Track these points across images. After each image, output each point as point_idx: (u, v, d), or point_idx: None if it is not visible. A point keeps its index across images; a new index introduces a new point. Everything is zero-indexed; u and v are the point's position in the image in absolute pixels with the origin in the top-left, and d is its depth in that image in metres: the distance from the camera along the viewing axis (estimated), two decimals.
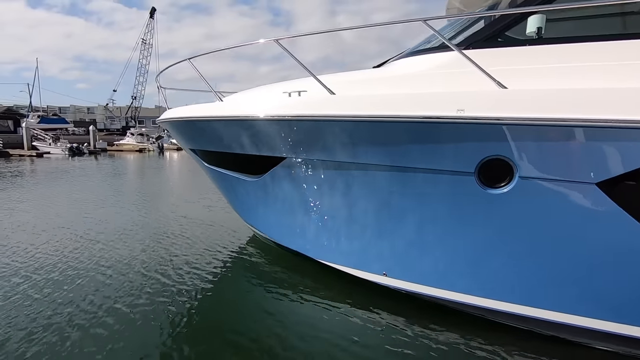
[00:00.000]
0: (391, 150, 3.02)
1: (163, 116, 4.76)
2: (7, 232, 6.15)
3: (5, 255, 4.99)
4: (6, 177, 15.23)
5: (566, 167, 2.55)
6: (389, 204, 3.28)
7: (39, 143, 32.06)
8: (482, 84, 2.71)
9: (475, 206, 2.91)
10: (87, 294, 3.80)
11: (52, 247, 5.31)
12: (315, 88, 3.24)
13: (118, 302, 3.65)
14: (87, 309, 3.51)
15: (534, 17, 2.94)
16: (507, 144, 2.64)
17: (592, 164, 2.48)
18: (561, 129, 2.47)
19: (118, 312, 3.46)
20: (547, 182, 2.62)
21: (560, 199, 2.63)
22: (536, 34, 2.93)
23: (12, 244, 5.49)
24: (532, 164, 2.62)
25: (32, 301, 3.65)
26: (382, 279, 3.53)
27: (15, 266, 4.57)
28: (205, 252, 5.13)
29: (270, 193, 4.12)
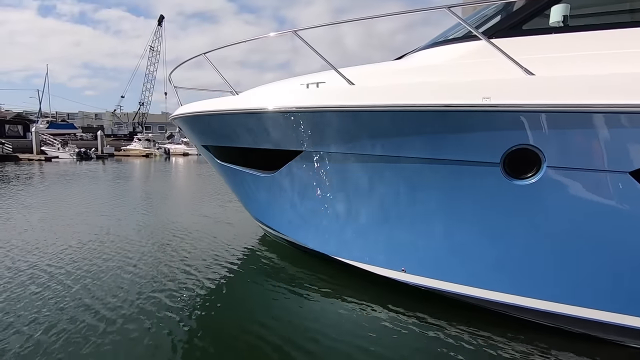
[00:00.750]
0: (413, 141, 2.94)
1: (177, 112, 4.74)
2: (27, 231, 6.15)
3: (31, 252, 4.96)
4: (20, 179, 15.35)
5: (597, 156, 2.46)
6: (410, 197, 3.20)
7: (48, 148, 32.38)
8: (508, 72, 2.64)
9: (501, 198, 2.82)
10: (96, 293, 3.72)
11: (67, 246, 5.28)
12: (334, 79, 3.19)
13: (131, 300, 3.59)
14: (95, 305, 3.45)
15: (559, 5, 2.88)
16: (535, 133, 2.56)
17: (625, 152, 2.39)
18: (592, 115, 2.39)
19: (131, 309, 3.39)
20: (577, 171, 2.53)
21: (592, 190, 2.53)
22: (562, 22, 2.87)
23: (32, 241, 5.48)
24: (561, 153, 2.54)
25: (31, 298, 3.60)
26: (401, 275, 3.44)
27: (29, 264, 4.54)
28: (216, 252, 5.07)
29: (285, 189, 4.06)
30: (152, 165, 26.60)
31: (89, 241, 5.46)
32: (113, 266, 4.45)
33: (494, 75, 2.72)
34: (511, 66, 2.61)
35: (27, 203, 9.05)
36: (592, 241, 2.62)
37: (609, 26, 2.74)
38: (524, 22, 2.97)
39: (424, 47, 3.55)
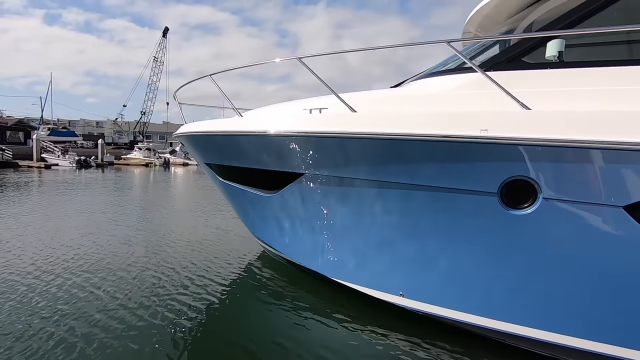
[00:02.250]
0: (412, 168, 3.02)
1: (180, 130, 4.82)
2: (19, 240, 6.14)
3: (29, 261, 4.96)
4: (20, 186, 15.34)
5: (591, 190, 2.53)
6: (408, 223, 3.25)
7: (48, 155, 32.44)
8: (504, 105, 2.73)
9: (498, 226, 2.87)
10: (84, 310, 3.70)
11: (58, 258, 5.28)
12: (336, 105, 3.28)
13: (123, 314, 3.60)
14: (90, 318, 3.45)
15: (554, 40, 2.99)
16: (531, 165, 2.63)
17: (618, 186, 2.46)
18: (586, 151, 2.47)
19: (122, 325, 3.40)
20: (571, 204, 2.60)
21: (585, 222, 2.59)
22: (557, 57, 2.98)
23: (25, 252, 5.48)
24: (557, 186, 2.61)
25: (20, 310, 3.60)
26: (399, 299, 3.46)
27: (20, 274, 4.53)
28: (213, 267, 5.09)
29: (285, 209, 4.11)
30: (151, 175, 26.63)
31: (81, 254, 5.47)
32: (101, 282, 4.41)
33: (491, 107, 2.81)
34: (508, 99, 2.70)
35: (14, 211, 9.05)
36: (584, 271, 2.67)
37: (604, 63, 2.85)
38: (521, 56, 3.09)
39: (423, 76, 3.66)
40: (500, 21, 4.06)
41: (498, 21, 4.10)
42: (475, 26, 4.39)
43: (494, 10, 3.90)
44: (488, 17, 4.08)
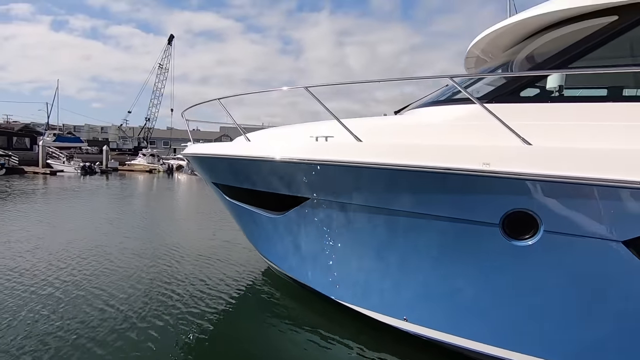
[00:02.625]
0: (416, 197, 3.09)
1: (189, 150, 4.93)
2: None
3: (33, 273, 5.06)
4: (27, 194, 15.51)
5: (592, 224, 2.59)
6: (411, 250, 3.32)
7: (53, 161, 32.75)
8: (506, 138, 2.81)
9: (499, 257, 2.94)
10: (83, 324, 3.84)
11: (60, 269, 5.38)
12: (341, 133, 3.37)
13: (124, 331, 3.71)
14: (80, 339, 3.56)
15: (555, 75, 3.08)
16: (532, 198, 2.70)
17: (619, 222, 2.53)
18: (586, 187, 2.54)
19: (124, 342, 3.52)
20: (572, 237, 2.66)
21: (586, 255, 2.66)
22: (557, 91, 3.07)
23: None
24: (558, 219, 2.67)
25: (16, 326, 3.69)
26: (403, 324, 3.51)
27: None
28: (217, 281, 5.22)
29: (291, 231, 4.19)
30: (155, 182, 26.83)
31: (92, 268, 5.56)
32: (103, 294, 4.58)
33: (492, 140, 2.89)
34: (509, 131, 2.77)
35: (24, 224, 9.18)
36: (584, 304, 2.73)
37: (604, 99, 2.93)
38: (521, 89, 3.18)
39: (425, 104, 3.75)
40: (505, 47, 4.15)
41: (503, 47, 4.18)
42: (480, 50, 4.48)
43: (498, 38, 3.98)
44: (492, 43, 4.17)
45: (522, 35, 3.76)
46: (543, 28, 3.51)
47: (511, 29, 3.68)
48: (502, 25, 3.68)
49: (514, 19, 3.56)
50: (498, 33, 3.84)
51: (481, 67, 4.76)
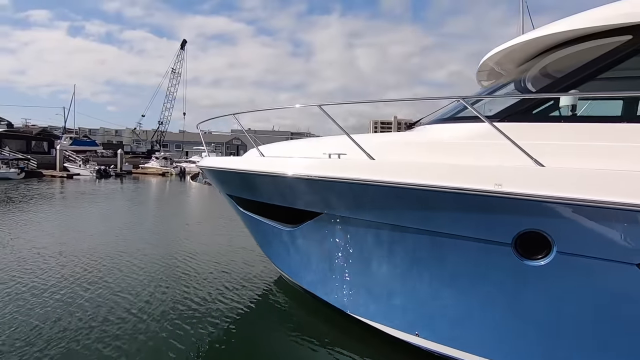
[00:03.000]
0: (428, 215, 3.13)
1: (205, 163, 5.05)
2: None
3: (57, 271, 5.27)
4: (47, 198, 15.98)
5: (606, 246, 2.59)
6: (424, 266, 3.35)
7: (70, 164, 33.62)
8: (519, 157, 2.83)
9: (512, 276, 2.95)
10: (97, 329, 4.06)
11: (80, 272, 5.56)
12: (354, 150, 3.43)
13: (141, 335, 3.94)
14: (95, 343, 3.78)
15: (568, 94, 3.09)
16: (545, 219, 2.71)
17: (633, 245, 2.52)
18: (600, 209, 2.55)
19: (141, 345, 3.73)
20: (586, 259, 2.66)
21: (599, 277, 2.66)
22: (570, 110, 3.07)
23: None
24: (571, 241, 2.68)
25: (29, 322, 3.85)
26: (414, 339, 3.55)
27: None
28: (234, 288, 5.38)
29: (304, 244, 4.26)
30: (168, 185, 27.28)
31: (115, 275, 5.75)
32: (116, 298, 4.85)
33: (505, 159, 2.91)
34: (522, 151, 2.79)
35: (49, 229, 9.47)
36: (596, 326, 2.72)
37: (619, 119, 2.92)
38: (534, 108, 3.19)
39: (439, 120, 3.78)
40: (518, 62, 4.15)
41: (516, 62, 4.19)
42: (493, 63, 4.48)
43: (512, 53, 3.99)
44: (506, 58, 4.18)
45: (536, 51, 3.77)
46: (556, 45, 3.51)
47: (525, 45, 3.69)
48: (517, 41, 3.70)
49: (529, 36, 3.57)
50: (512, 49, 3.85)
51: (494, 80, 4.77)
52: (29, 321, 4.17)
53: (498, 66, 4.50)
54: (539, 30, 3.55)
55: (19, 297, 4.86)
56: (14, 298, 4.81)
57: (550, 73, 3.55)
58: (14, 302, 4.70)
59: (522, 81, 3.84)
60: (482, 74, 4.74)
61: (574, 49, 3.35)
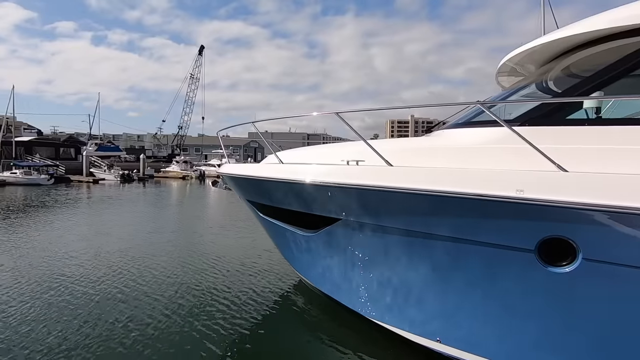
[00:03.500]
0: (448, 221, 3.11)
1: (225, 170, 5.18)
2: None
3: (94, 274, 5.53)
4: (77, 202, 16.68)
5: (635, 253, 2.52)
6: (444, 272, 3.34)
7: (95, 170, 34.87)
8: (540, 162, 2.78)
9: (535, 282, 2.90)
10: (124, 324, 4.39)
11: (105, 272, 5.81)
12: (371, 156, 3.44)
13: (168, 333, 4.19)
14: (122, 342, 4.02)
15: (593, 96, 3.01)
16: (569, 226, 2.66)
17: None
18: (626, 215, 2.48)
19: (167, 344, 3.97)
20: (614, 266, 2.59)
21: (628, 285, 2.58)
22: (595, 113, 3.00)
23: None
24: (598, 247, 2.62)
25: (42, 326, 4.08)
26: (436, 345, 3.53)
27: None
28: (257, 291, 5.54)
29: (323, 249, 4.31)
30: (188, 188, 27.91)
31: (136, 274, 6.03)
32: (149, 299, 5.13)
33: (526, 163, 2.86)
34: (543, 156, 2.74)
35: (83, 232, 9.89)
36: (623, 334, 2.64)
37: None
38: (556, 112, 3.12)
39: (456, 125, 3.75)
40: (540, 63, 4.06)
41: (538, 62, 4.10)
42: (514, 63, 4.39)
43: (534, 54, 3.91)
44: (527, 59, 4.10)
45: (558, 52, 3.69)
46: (579, 45, 3.43)
47: (547, 46, 3.61)
48: (538, 42, 3.62)
49: (551, 37, 3.50)
50: (534, 49, 3.77)
51: (514, 81, 4.69)
52: (74, 322, 4.49)
53: (518, 67, 4.42)
54: (561, 30, 3.48)
55: (61, 299, 5.19)
56: (57, 300, 5.14)
57: (574, 74, 3.46)
58: (57, 304, 5.03)
59: (543, 82, 3.76)
60: (502, 74, 4.66)
61: (597, 49, 3.26)
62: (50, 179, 28.33)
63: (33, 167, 29.65)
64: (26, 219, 12.31)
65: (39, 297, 5.18)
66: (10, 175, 27.30)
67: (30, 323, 4.39)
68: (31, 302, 5.02)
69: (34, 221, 12.07)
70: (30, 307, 4.84)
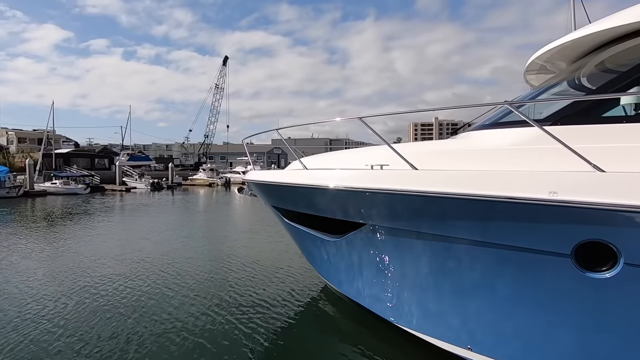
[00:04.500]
0: (477, 225, 3.03)
1: (250, 177, 5.28)
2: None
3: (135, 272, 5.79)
4: (113, 209, 17.50)
5: None
6: (474, 278, 3.24)
7: (127, 179, 36.40)
8: (574, 163, 2.66)
9: (572, 288, 2.77)
10: (151, 327, 4.59)
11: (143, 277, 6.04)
12: (396, 160, 3.41)
13: (196, 333, 4.38)
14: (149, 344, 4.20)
15: (631, 92, 2.86)
16: (608, 229, 2.53)
17: None
18: None
19: (195, 345, 4.13)
20: None
21: None
22: (633, 109, 2.85)
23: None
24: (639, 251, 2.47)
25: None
26: (467, 353, 3.42)
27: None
28: (284, 295, 5.63)
29: (349, 254, 4.29)
30: (215, 195, 28.60)
31: (172, 278, 6.28)
32: (187, 299, 5.42)
33: (558, 164, 2.74)
34: (577, 156, 2.62)
35: (124, 237, 10.37)
36: None
37: None
38: (591, 109, 2.99)
39: (482, 126, 3.66)
40: (571, 60, 3.91)
41: (568, 59, 3.94)
42: (543, 61, 4.24)
43: (564, 50, 3.76)
44: (557, 56, 3.95)
45: (590, 47, 3.53)
46: (613, 40, 3.28)
47: (579, 42, 3.47)
48: (569, 38, 3.49)
49: (583, 32, 3.36)
50: (564, 46, 3.63)
51: (543, 80, 4.53)
52: (127, 320, 4.83)
53: (548, 64, 4.27)
54: (594, 24, 3.33)
55: (114, 299, 5.60)
56: (110, 299, 5.58)
57: (609, 69, 3.31)
58: (112, 303, 5.44)
59: (576, 79, 3.61)
60: (530, 73, 4.52)
61: (635, 42, 3.10)
62: (86, 189, 29.81)
63: (71, 177, 31.32)
64: (72, 227, 13.07)
65: (96, 297, 5.67)
66: (51, 185, 28.95)
67: (90, 319, 4.85)
68: (89, 301, 5.51)
69: (79, 228, 12.84)
70: (87, 306, 5.31)
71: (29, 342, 4.20)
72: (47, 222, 14.17)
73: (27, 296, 5.69)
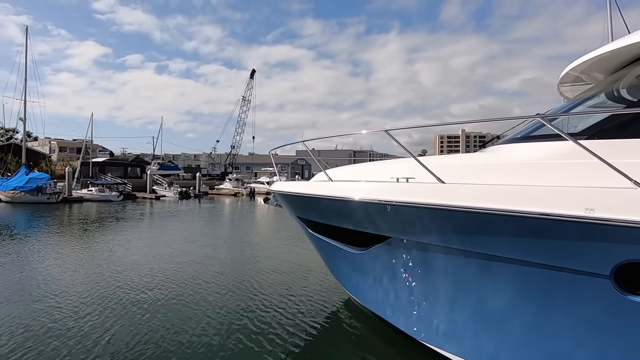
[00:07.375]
0: (506, 241, 2.94)
1: (276, 187, 5.38)
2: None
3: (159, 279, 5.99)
4: (144, 215, 18.22)
5: None
6: (504, 297, 3.13)
7: (157, 187, 37.78)
8: (612, 179, 2.55)
9: (611, 311, 2.62)
10: (169, 338, 4.61)
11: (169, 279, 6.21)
12: (422, 173, 3.38)
13: (218, 341, 4.40)
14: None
15: None
16: None
17: None
18: None
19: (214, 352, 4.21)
20: None
21: None
22: None
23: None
24: None
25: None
26: None
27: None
28: (307, 307, 5.62)
29: (373, 267, 4.25)
30: (240, 205, 29.15)
31: (200, 285, 6.41)
32: (190, 312, 5.44)
33: (595, 181, 2.64)
34: (615, 172, 2.51)
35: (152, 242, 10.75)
36: None
37: None
38: (630, 123, 2.87)
39: (512, 140, 3.58)
40: (608, 71, 3.78)
41: (606, 71, 3.81)
42: (578, 72, 4.12)
43: (601, 61, 3.65)
44: (594, 67, 3.83)
45: (630, 58, 3.41)
46: None
47: (617, 52, 3.35)
48: (607, 49, 3.38)
49: (622, 42, 3.25)
50: (602, 57, 3.52)
51: (579, 91, 4.39)
52: (153, 322, 5.03)
53: (584, 76, 4.13)
54: (633, 35, 3.22)
55: (144, 301, 5.82)
56: (142, 301, 5.85)
57: None
58: (140, 305, 5.68)
59: (615, 91, 3.48)
60: (564, 84, 4.39)
61: None
62: (119, 196, 31.16)
63: (105, 185, 32.88)
64: (108, 232, 13.72)
65: (129, 299, 5.94)
66: (87, 192, 30.50)
67: (121, 319, 5.12)
68: (124, 302, 5.81)
69: (115, 232, 13.52)
70: (123, 307, 5.60)
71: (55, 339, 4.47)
72: (90, 227, 14.92)
73: (64, 294, 6.05)
